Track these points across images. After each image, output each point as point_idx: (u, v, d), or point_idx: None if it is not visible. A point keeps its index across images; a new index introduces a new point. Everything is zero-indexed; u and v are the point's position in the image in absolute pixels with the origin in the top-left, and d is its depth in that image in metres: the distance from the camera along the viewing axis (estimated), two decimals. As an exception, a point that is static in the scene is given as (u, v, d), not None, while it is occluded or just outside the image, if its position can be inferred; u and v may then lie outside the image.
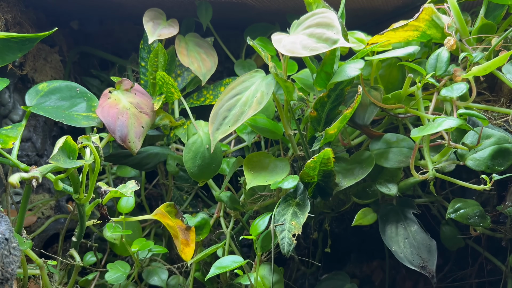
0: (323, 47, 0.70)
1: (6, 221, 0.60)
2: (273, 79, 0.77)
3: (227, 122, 0.77)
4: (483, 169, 0.73)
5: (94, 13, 1.23)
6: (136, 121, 0.86)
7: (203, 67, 1.00)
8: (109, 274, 0.86)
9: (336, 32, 0.71)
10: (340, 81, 0.75)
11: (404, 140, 0.81)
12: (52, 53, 1.17)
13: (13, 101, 1.13)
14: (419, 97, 0.77)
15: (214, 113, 0.79)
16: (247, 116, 0.75)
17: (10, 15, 1.05)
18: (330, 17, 0.73)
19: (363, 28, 0.91)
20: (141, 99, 0.90)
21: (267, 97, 0.75)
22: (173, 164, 0.99)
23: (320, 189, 0.79)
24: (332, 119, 0.79)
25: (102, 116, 0.83)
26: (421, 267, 0.77)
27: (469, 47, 0.77)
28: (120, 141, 0.83)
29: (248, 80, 0.80)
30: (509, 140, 0.73)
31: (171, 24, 1.01)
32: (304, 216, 0.76)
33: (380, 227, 0.82)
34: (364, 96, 0.80)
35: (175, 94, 0.93)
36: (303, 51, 0.71)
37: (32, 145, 1.16)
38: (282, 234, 0.75)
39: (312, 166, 0.74)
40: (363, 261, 1.14)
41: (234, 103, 0.78)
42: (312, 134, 0.81)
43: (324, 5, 0.79)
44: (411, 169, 0.76)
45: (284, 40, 0.75)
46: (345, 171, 0.81)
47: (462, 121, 0.68)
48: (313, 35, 0.73)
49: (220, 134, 0.77)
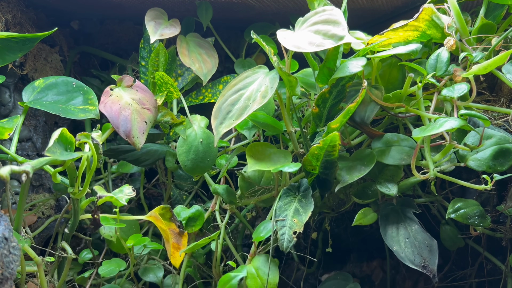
0: (329, 43, 0.71)
1: (6, 221, 0.60)
2: (277, 74, 0.77)
3: (231, 116, 0.77)
4: (484, 169, 0.73)
5: (94, 13, 1.23)
6: (139, 116, 0.86)
7: (204, 68, 1.00)
8: (102, 268, 0.87)
9: (342, 28, 0.71)
10: (341, 77, 0.75)
11: (405, 139, 0.81)
12: (53, 53, 1.18)
13: (14, 101, 1.13)
14: (419, 97, 0.77)
15: (217, 108, 0.79)
16: (252, 110, 0.75)
17: (11, 15, 1.05)
18: (336, 15, 0.74)
19: (363, 28, 0.91)
20: (143, 95, 0.90)
21: (272, 91, 0.76)
22: (172, 161, 0.99)
23: (320, 181, 0.79)
24: (334, 115, 0.79)
25: (106, 111, 0.83)
26: (422, 267, 0.77)
27: (469, 47, 0.77)
28: (124, 136, 0.83)
29: (251, 76, 0.80)
30: (510, 140, 0.73)
31: (172, 24, 1.01)
32: (307, 215, 0.75)
33: (381, 227, 0.82)
34: (365, 94, 0.80)
35: (175, 93, 0.93)
36: (309, 47, 0.71)
37: (33, 145, 1.16)
38: (283, 229, 0.74)
39: (316, 154, 0.74)
40: (363, 261, 1.14)
41: (237, 98, 0.78)
42: (314, 130, 0.81)
43: (327, 2, 0.79)
44: (412, 169, 0.76)
45: (290, 36, 0.75)
46: (347, 167, 0.80)
47: (463, 121, 0.68)
48: (319, 31, 0.73)
49: (224, 128, 0.77)
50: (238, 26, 1.25)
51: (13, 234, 0.61)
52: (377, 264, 1.13)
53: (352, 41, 0.71)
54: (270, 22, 1.14)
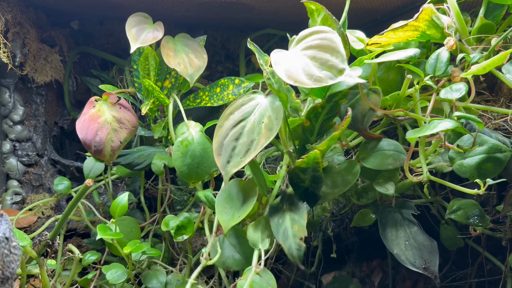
0: (328, 77, 0.65)
1: (7, 220, 0.60)
2: (279, 102, 0.71)
3: (238, 153, 0.70)
4: (467, 176, 0.72)
5: (94, 13, 1.23)
6: (115, 136, 0.88)
7: (190, 68, 0.97)
8: (109, 274, 0.86)
9: (341, 60, 0.66)
10: (334, 93, 0.73)
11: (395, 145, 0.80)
12: (53, 53, 1.18)
13: (13, 101, 1.14)
14: (417, 99, 0.77)
15: (218, 143, 0.72)
16: (260, 145, 0.68)
17: (11, 15, 1.05)
18: (334, 40, 0.68)
19: (363, 28, 0.91)
20: (125, 114, 0.91)
21: (278, 122, 0.69)
22: (158, 164, 0.94)
23: (309, 195, 0.76)
24: (326, 130, 0.75)
25: (80, 132, 0.88)
26: (423, 269, 0.77)
27: (469, 47, 0.77)
28: (94, 154, 0.88)
29: (248, 104, 0.73)
30: (502, 149, 0.72)
31: (156, 27, 0.98)
32: (304, 218, 0.72)
33: (380, 230, 0.82)
34: (363, 100, 0.80)
35: (165, 99, 0.93)
36: (307, 81, 0.65)
37: (32, 145, 1.16)
38: (287, 243, 0.69)
39: (303, 168, 0.71)
40: (363, 261, 1.14)
41: (239, 131, 0.71)
42: (303, 144, 0.78)
43: (327, 13, 0.78)
44: (405, 170, 0.75)
45: (283, 60, 0.69)
46: (331, 181, 0.78)
47: (458, 123, 0.67)
48: (316, 59, 0.67)
49: (232, 168, 0.70)
50: (238, 26, 1.25)
51: (14, 234, 0.61)
52: (377, 264, 1.13)
53: (352, 80, 0.66)
54: (270, 22, 1.14)
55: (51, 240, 0.79)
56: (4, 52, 1.03)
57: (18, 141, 1.15)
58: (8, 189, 1.13)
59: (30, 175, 1.16)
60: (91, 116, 0.89)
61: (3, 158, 1.13)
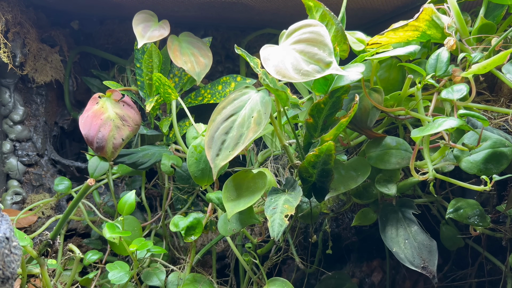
0: (315, 71, 0.66)
1: (7, 220, 0.60)
2: (269, 96, 0.72)
3: (227, 146, 0.72)
4: (475, 172, 0.73)
5: (94, 13, 1.23)
6: (117, 133, 0.88)
7: (197, 67, 0.98)
8: (111, 274, 0.86)
9: (328, 53, 0.66)
10: (336, 88, 0.73)
11: (402, 144, 0.80)
12: (53, 53, 1.18)
13: (14, 101, 1.14)
14: (419, 98, 0.77)
15: (209, 137, 0.73)
16: (248, 139, 0.70)
17: (11, 15, 1.05)
18: (321, 34, 0.68)
19: (363, 28, 0.91)
20: (128, 111, 0.91)
21: (266, 117, 0.70)
22: (168, 164, 0.96)
23: (317, 189, 0.77)
24: (329, 126, 0.76)
25: (83, 128, 0.87)
26: (422, 268, 0.77)
27: (469, 47, 0.77)
28: (96, 151, 0.87)
29: (240, 99, 0.75)
30: (506, 144, 0.72)
31: (162, 25, 0.99)
32: (297, 201, 0.72)
33: (380, 228, 0.83)
34: (366, 99, 0.80)
35: (173, 94, 0.92)
36: (295, 75, 0.66)
37: (33, 145, 1.16)
38: (274, 216, 0.69)
39: (312, 161, 0.72)
40: (363, 261, 1.14)
41: (230, 125, 0.73)
42: (308, 141, 0.79)
43: (325, 9, 0.78)
44: (411, 169, 0.76)
45: (273, 56, 0.69)
46: (341, 176, 0.79)
47: (462, 121, 0.68)
48: (304, 52, 0.68)
49: (221, 161, 0.71)
50: (238, 26, 1.25)
51: (14, 234, 0.61)
52: (377, 264, 1.13)
53: (339, 72, 0.66)
54: (270, 21, 1.14)
55: (51, 240, 0.79)
56: (4, 52, 1.03)
57: (18, 141, 1.15)
58: (8, 189, 1.13)
59: (30, 175, 1.16)
60: (94, 113, 0.88)
61: (3, 158, 1.13)
